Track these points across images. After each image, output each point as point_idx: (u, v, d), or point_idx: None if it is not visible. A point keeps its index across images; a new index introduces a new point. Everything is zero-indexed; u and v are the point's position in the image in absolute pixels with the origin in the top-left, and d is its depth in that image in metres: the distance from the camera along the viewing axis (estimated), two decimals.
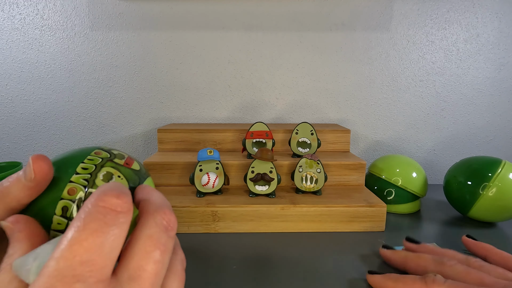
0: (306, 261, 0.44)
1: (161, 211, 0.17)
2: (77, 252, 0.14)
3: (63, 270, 0.13)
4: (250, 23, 0.76)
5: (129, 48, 0.76)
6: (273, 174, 0.55)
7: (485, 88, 0.79)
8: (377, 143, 0.82)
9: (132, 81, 0.78)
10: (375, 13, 0.75)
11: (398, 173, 0.60)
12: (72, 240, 0.14)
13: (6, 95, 0.77)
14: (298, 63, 0.78)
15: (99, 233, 0.14)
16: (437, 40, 0.76)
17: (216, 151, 0.56)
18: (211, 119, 0.80)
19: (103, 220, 0.14)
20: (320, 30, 0.76)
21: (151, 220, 0.16)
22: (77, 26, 0.75)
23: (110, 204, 0.15)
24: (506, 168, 0.53)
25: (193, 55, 0.77)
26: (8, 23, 0.74)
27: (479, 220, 0.56)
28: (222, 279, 0.39)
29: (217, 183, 0.54)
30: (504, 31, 0.76)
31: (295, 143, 0.64)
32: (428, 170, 0.82)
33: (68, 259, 0.13)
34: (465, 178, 0.55)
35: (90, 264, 0.14)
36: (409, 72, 0.78)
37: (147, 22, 0.75)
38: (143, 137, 0.81)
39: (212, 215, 0.51)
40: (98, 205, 0.15)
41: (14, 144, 0.79)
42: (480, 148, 0.82)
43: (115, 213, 0.15)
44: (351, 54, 0.77)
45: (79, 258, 0.14)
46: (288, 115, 0.80)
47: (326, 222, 0.52)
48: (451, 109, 0.80)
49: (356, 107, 0.80)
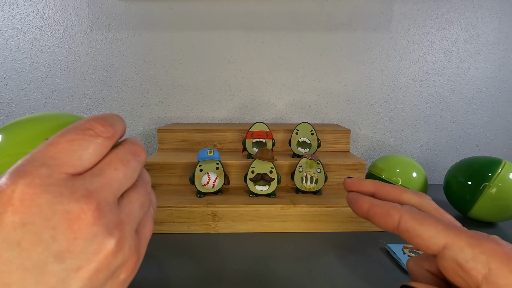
0: (306, 261, 0.44)
1: (132, 143, 0.21)
2: (50, 149, 0.16)
3: (34, 157, 0.16)
4: (250, 23, 0.76)
5: (129, 48, 0.76)
6: (273, 174, 0.55)
7: (485, 88, 0.79)
8: (377, 143, 0.82)
9: (132, 81, 0.78)
10: (375, 13, 0.75)
11: (398, 173, 0.60)
12: (50, 141, 0.17)
13: (6, 95, 0.77)
14: (298, 63, 0.78)
15: (74, 142, 0.17)
16: (437, 40, 0.76)
17: (216, 151, 0.56)
18: (211, 119, 0.80)
19: (82, 135, 0.17)
20: (320, 30, 0.76)
21: (121, 146, 0.20)
22: (77, 26, 0.75)
23: (94, 127, 0.18)
24: (506, 168, 0.53)
25: (193, 55, 0.77)
26: (8, 23, 0.74)
27: (479, 220, 0.56)
28: (222, 279, 0.39)
29: (217, 183, 0.54)
30: (504, 31, 0.76)
31: (295, 143, 0.64)
32: (428, 170, 0.82)
33: (41, 152, 0.16)
34: (465, 178, 0.55)
35: (58, 159, 0.16)
36: (409, 72, 0.78)
37: (147, 22, 0.75)
38: (143, 137, 0.81)
39: (212, 215, 0.51)
40: (84, 125, 0.18)
41: None
42: (480, 148, 0.82)
43: (94, 134, 0.18)
44: (351, 54, 0.77)
45: (51, 154, 0.16)
46: (288, 115, 0.80)
47: (326, 222, 0.52)
48: (451, 109, 0.80)
49: (356, 107, 0.80)
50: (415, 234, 0.23)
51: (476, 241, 0.21)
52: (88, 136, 0.17)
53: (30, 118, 0.22)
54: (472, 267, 0.21)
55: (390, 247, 0.47)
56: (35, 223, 0.15)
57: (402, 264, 0.43)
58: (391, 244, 0.48)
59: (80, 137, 0.17)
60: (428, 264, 0.26)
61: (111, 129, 0.18)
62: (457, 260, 0.21)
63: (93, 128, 0.18)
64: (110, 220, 0.17)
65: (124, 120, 0.79)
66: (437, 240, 0.22)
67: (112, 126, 0.19)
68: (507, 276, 0.19)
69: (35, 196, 0.15)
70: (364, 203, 0.27)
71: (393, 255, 0.45)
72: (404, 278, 0.40)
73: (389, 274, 0.41)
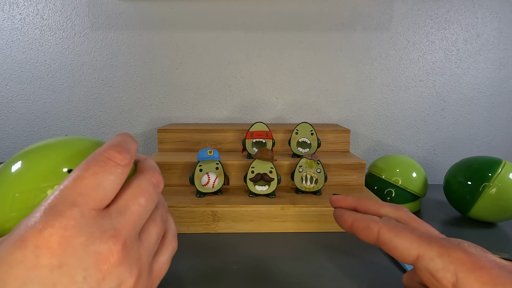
0: (306, 261, 0.44)
1: (152, 172, 0.21)
2: (76, 185, 0.17)
3: (64, 194, 0.17)
4: (250, 23, 0.76)
5: (129, 48, 0.76)
6: (273, 174, 0.55)
7: (485, 88, 0.79)
8: (377, 143, 0.82)
9: (132, 81, 0.78)
10: (375, 13, 0.75)
11: (398, 173, 0.60)
12: (76, 177, 0.17)
13: (6, 95, 0.77)
14: (298, 63, 0.78)
15: (98, 175, 0.17)
16: (437, 40, 0.76)
17: (216, 151, 0.56)
18: (211, 119, 0.80)
19: (104, 167, 0.18)
20: (320, 30, 0.76)
21: (143, 176, 0.21)
22: (77, 26, 0.75)
23: (113, 157, 0.18)
24: (506, 168, 0.53)
25: (193, 55, 0.77)
26: (8, 23, 0.74)
27: (479, 220, 0.56)
28: (222, 279, 0.39)
29: (217, 183, 0.54)
30: (504, 31, 0.76)
31: (295, 143, 0.64)
32: (428, 170, 0.82)
33: (70, 189, 0.17)
34: (465, 178, 0.55)
35: (86, 196, 0.17)
36: (409, 72, 0.78)
37: (147, 22, 0.75)
38: (143, 137, 0.81)
39: (212, 215, 0.51)
40: (103, 155, 0.18)
41: (14, 144, 0.79)
42: (480, 148, 0.82)
43: (114, 164, 0.18)
44: (351, 54, 0.77)
45: (79, 190, 0.17)
46: (288, 115, 0.80)
47: (326, 222, 0.52)
48: (451, 109, 0.80)
49: (356, 107, 0.80)
50: (392, 246, 0.24)
51: (445, 250, 0.22)
52: (109, 167, 0.18)
53: (44, 146, 0.21)
54: (442, 277, 0.21)
55: None
56: (70, 264, 0.16)
57: (401, 264, 0.43)
58: None
59: (102, 169, 0.18)
60: (418, 277, 0.26)
61: (128, 155, 0.19)
62: (429, 270, 0.22)
63: (112, 157, 0.18)
64: (132, 257, 0.18)
65: (125, 121, 0.80)
66: (410, 251, 0.23)
67: (128, 152, 0.19)
68: (473, 284, 0.20)
69: (71, 238, 0.16)
70: (347, 218, 0.28)
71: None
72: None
73: (389, 274, 0.41)
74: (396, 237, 0.24)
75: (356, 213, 0.28)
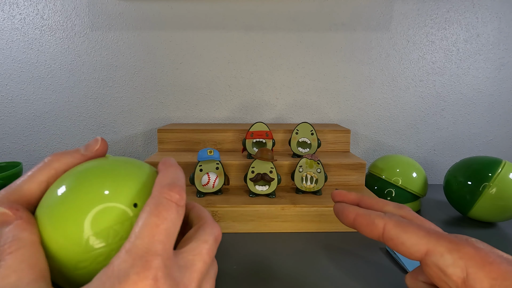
0: (306, 261, 0.44)
1: (215, 226, 0.22)
2: (155, 233, 0.17)
3: (147, 244, 0.17)
4: (250, 23, 0.76)
5: (129, 48, 0.76)
6: (273, 174, 0.55)
7: (485, 88, 0.79)
8: (377, 143, 0.82)
9: (132, 81, 0.78)
10: (375, 13, 0.75)
11: (398, 173, 0.60)
12: (152, 223, 0.17)
13: (6, 95, 0.77)
14: (298, 63, 0.78)
15: (167, 220, 0.18)
16: (437, 40, 0.76)
17: (216, 151, 0.56)
18: (211, 119, 0.80)
19: (169, 210, 0.18)
20: (320, 30, 0.76)
21: (208, 230, 0.21)
22: (77, 26, 0.75)
23: (175, 199, 0.19)
24: (506, 168, 0.53)
25: (193, 55, 0.77)
26: (8, 23, 0.74)
27: (479, 220, 0.56)
28: (222, 279, 0.39)
29: (217, 183, 0.54)
30: (504, 31, 0.76)
31: (295, 143, 0.64)
32: (428, 170, 0.82)
33: (149, 237, 0.17)
34: (465, 178, 0.55)
35: (163, 244, 0.17)
36: (409, 72, 0.78)
37: (147, 22, 0.75)
38: (143, 137, 0.81)
39: (212, 215, 0.51)
40: (166, 198, 0.18)
41: (14, 144, 0.79)
42: (480, 148, 0.82)
43: (176, 206, 0.19)
44: (351, 54, 0.77)
45: (157, 238, 0.17)
46: (288, 115, 0.80)
47: (326, 222, 0.52)
48: (451, 109, 0.80)
49: (356, 107, 0.80)
50: (399, 242, 0.23)
51: (455, 246, 0.22)
52: (174, 210, 0.18)
53: (105, 177, 0.20)
54: (452, 272, 0.21)
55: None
56: None
57: (402, 264, 0.43)
58: None
59: (169, 213, 0.18)
60: (423, 276, 0.26)
61: (184, 194, 0.20)
62: (438, 265, 0.22)
63: (174, 199, 0.19)
64: None
65: (125, 121, 0.80)
66: (419, 247, 0.23)
67: (184, 190, 0.20)
68: (483, 279, 0.20)
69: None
70: (350, 213, 0.27)
71: (393, 256, 0.45)
72: (404, 278, 0.40)
73: (389, 274, 0.41)
74: (404, 232, 0.23)
75: (359, 208, 0.27)
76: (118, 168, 0.21)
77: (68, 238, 0.18)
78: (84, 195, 0.19)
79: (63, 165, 0.21)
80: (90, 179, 0.19)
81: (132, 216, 0.19)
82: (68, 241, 0.18)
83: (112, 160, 0.22)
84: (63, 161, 0.21)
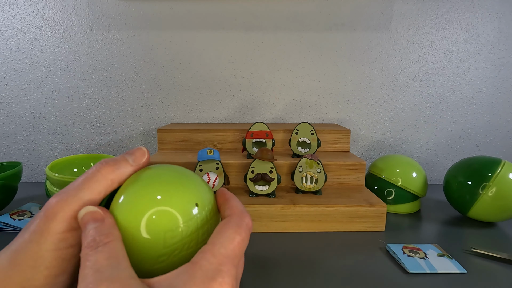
0: (306, 261, 0.44)
1: (248, 218, 0.24)
2: (235, 248, 0.20)
3: (229, 256, 0.20)
4: (250, 23, 0.76)
5: (129, 48, 0.76)
6: (273, 174, 0.55)
7: (485, 88, 0.79)
8: (377, 143, 0.82)
9: (132, 81, 0.78)
10: (375, 13, 0.75)
11: (398, 173, 0.60)
12: (233, 239, 0.20)
13: (6, 95, 0.77)
14: (298, 63, 0.78)
15: (244, 240, 0.21)
16: (437, 40, 0.76)
17: (216, 151, 0.56)
18: (211, 119, 0.80)
19: (246, 233, 0.22)
20: (320, 30, 0.76)
21: (241, 223, 0.23)
22: (77, 26, 0.75)
23: (250, 225, 0.22)
24: (506, 168, 0.53)
25: (193, 55, 0.77)
26: (8, 23, 0.74)
27: (479, 220, 0.56)
28: None
29: (217, 183, 0.54)
30: (504, 31, 0.76)
31: (295, 143, 0.64)
32: (428, 170, 0.82)
33: (231, 250, 0.20)
34: (465, 178, 0.55)
35: (238, 258, 0.20)
36: (409, 72, 0.78)
37: (147, 22, 0.75)
38: (143, 137, 0.81)
39: None
40: (245, 222, 0.22)
41: (14, 144, 0.79)
42: (480, 148, 0.82)
43: (249, 231, 0.22)
44: (351, 54, 0.77)
45: (236, 252, 0.20)
46: (288, 115, 0.80)
47: (326, 222, 0.52)
48: (451, 109, 0.80)
49: (356, 107, 0.80)
50: None
51: None
52: (248, 233, 0.22)
53: (174, 184, 0.23)
54: None
55: (390, 247, 0.47)
56: None
57: (402, 264, 0.43)
58: (391, 244, 0.48)
59: (246, 234, 0.22)
60: None
61: (251, 221, 0.23)
62: None
63: (249, 224, 0.22)
64: None
65: (125, 121, 0.80)
66: None
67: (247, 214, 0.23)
68: None
69: None
70: None
71: (393, 255, 0.45)
72: (404, 278, 0.41)
73: (389, 274, 0.41)
74: None
75: None
76: (180, 175, 0.24)
77: (151, 235, 0.21)
78: (156, 200, 0.22)
79: (117, 176, 0.23)
80: (160, 186, 0.22)
81: (196, 214, 0.22)
82: (151, 237, 0.21)
83: (170, 168, 0.26)
84: (117, 172, 0.23)
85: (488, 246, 0.48)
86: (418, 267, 0.42)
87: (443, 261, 0.44)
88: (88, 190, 0.21)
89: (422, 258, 0.44)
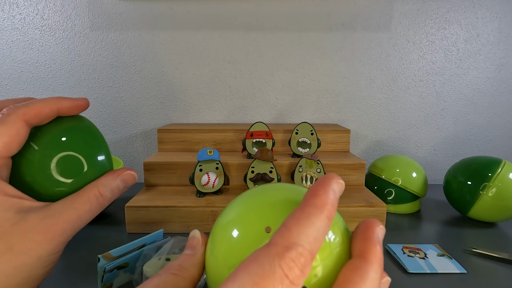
0: None
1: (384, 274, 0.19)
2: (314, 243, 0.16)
3: (313, 249, 0.16)
4: (250, 23, 0.76)
5: (129, 48, 0.76)
6: (273, 174, 0.55)
7: (485, 88, 0.79)
8: (377, 143, 0.82)
9: (132, 81, 0.78)
10: (375, 13, 0.75)
11: (398, 173, 0.60)
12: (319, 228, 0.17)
13: (6, 95, 0.77)
14: (298, 63, 0.78)
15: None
16: (437, 40, 0.76)
17: (216, 151, 0.56)
18: (211, 119, 0.80)
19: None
20: (320, 30, 0.76)
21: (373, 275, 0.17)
22: (77, 26, 0.75)
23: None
24: (506, 168, 0.53)
25: (193, 55, 0.77)
26: (8, 23, 0.74)
27: (479, 220, 0.56)
28: None
29: (217, 183, 0.54)
30: (504, 31, 0.76)
31: (295, 143, 0.64)
32: (428, 170, 0.82)
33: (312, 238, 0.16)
34: (465, 178, 0.55)
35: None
36: (409, 72, 0.78)
37: (147, 22, 0.75)
38: (143, 137, 0.81)
39: (212, 215, 0.51)
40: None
41: None
42: (480, 148, 0.82)
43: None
44: (351, 54, 0.77)
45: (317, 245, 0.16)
46: (288, 115, 0.80)
47: None
48: (451, 109, 0.80)
49: (356, 107, 0.80)
50: None
51: None
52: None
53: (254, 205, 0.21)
54: None
55: (390, 247, 0.47)
56: None
57: (402, 264, 0.43)
58: (391, 244, 0.48)
59: None
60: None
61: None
62: None
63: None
64: None
65: (125, 121, 0.80)
66: None
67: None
68: None
69: None
70: None
71: (393, 255, 0.45)
72: (404, 278, 0.40)
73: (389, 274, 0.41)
74: None
75: None
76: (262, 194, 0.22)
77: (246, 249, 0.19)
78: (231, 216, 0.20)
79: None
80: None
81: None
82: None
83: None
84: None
85: (488, 246, 0.48)
86: (418, 267, 0.42)
87: (443, 261, 0.44)
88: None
89: (422, 258, 0.44)
